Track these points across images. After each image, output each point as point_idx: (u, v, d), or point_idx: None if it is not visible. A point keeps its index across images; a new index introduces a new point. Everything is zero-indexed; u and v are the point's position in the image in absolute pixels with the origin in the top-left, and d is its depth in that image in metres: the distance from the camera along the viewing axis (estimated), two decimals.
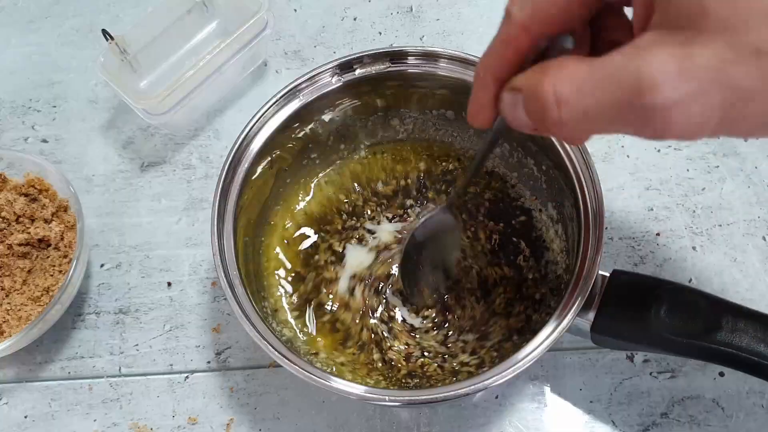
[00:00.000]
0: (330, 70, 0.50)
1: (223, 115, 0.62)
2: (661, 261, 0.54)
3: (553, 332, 0.40)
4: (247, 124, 0.48)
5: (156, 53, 0.61)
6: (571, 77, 0.26)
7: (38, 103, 0.64)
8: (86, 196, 0.59)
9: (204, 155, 0.61)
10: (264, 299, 0.49)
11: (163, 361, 0.53)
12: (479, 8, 0.66)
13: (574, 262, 0.43)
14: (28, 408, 0.52)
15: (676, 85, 0.23)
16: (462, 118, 0.54)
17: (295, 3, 0.67)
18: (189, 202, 0.59)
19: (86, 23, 0.68)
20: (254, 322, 0.42)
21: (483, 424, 0.49)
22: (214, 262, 0.44)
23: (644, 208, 0.56)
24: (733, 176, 0.56)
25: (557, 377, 0.50)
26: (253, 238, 0.51)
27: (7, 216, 0.53)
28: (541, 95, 0.26)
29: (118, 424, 0.51)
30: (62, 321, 0.54)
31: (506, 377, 0.39)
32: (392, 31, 0.65)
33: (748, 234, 0.54)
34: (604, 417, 0.49)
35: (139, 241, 0.57)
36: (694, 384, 0.50)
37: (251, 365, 0.52)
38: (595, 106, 0.25)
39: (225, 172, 0.47)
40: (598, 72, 0.25)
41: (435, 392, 0.40)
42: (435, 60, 0.50)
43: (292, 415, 0.50)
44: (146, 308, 0.55)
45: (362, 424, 0.50)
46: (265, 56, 0.64)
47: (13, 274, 0.52)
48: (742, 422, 0.48)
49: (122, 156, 0.61)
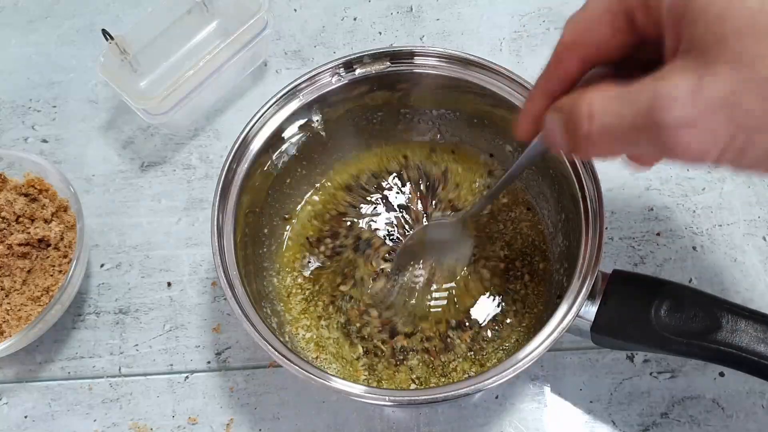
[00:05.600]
0: (330, 70, 0.50)
1: (223, 115, 0.62)
2: (661, 261, 0.54)
3: (553, 332, 0.41)
4: (247, 124, 0.48)
5: (156, 53, 0.61)
6: (603, 95, 0.28)
7: (38, 103, 0.64)
8: (86, 196, 0.59)
9: (204, 155, 0.61)
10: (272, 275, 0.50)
11: (163, 361, 0.53)
12: (479, 8, 0.66)
13: (574, 262, 0.43)
14: (28, 408, 0.52)
15: (686, 107, 0.25)
16: (463, 118, 0.54)
17: (295, 3, 0.67)
18: (189, 202, 0.59)
19: (86, 23, 0.68)
20: (254, 322, 0.42)
21: (483, 424, 0.49)
22: (214, 262, 0.44)
23: (644, 208, 0.56)
24: (733, 176, 0.56)
25: (557, 377, 0.50)
26: (254, 237, 0.51)
27: (7, 216, 0.53)
28: (577, 109, 0.29)
29: (118, 424, 0.51)
30: (62, 321, 0.54)
31: (506, 377, 0.39)
32: (392, 31, 0.65)
33: (748, 234, 0.54)
34: (604, 417, 0.49)
35: (139, 241, 0.57)
36: (694, 384, 0.50)
37: (251, 365, 0.52)
38: (618, 121, 0.27)
39: (225, 172, 0.47)
40: (625, 91, 0.27)
41: (435, 392, 0.40)
42: (435, 60, 0.50)
43: (292, 415, 0.50)
44: (146, 308, 0.55)
45: (362, 424, 0.50)
46: (265, 56, 0.64)
47: (13, 274, 0.52)
48: (742, 422, 0.48)
49: (122, 156, 0.61)
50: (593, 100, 0.28)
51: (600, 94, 0.28)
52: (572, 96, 0.30)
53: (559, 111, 0.31)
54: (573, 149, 0.31)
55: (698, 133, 0.25)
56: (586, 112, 0.29)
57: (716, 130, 0.25)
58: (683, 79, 0.25)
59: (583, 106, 0.29)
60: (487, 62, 0.48)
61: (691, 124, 0.25)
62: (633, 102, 0.27)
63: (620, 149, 0.29)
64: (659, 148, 0.27)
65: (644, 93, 0.26)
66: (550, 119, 0.32)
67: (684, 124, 0.25)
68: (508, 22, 0.65)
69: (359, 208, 0.54)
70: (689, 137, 0.26)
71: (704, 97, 0.25)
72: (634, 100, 0.27)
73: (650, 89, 0.26)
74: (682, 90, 0.25)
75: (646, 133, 0.27)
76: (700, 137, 0.25)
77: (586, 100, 0.29)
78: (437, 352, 0.49)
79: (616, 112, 0.27)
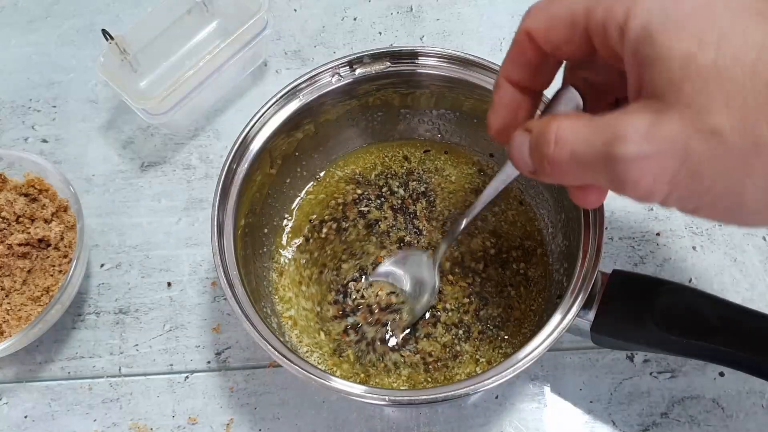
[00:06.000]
0: (330, 70, 0.50)
1: (223, 115, 0.62)
2: (661, 261, 0.54)
3: (553, 332, 0.40)
4: (247, 124, 0.48)
5: (156, 53, 0.61)
6: (571, 123, 0.30)
7: (38, 103, 0.64)
8: (86, 196, 0.59)
9: (204, 155, 0.61)
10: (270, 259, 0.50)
11: (163, 361, 0.53)
12: (479, 8, 0.66)
13: (574, 262, 0.43)
14: (28, 408, 0.52)
15: (640, 143, 0.27)
16: (463, 118, 0.54)
17: (295, 3, 0.67)
18: (189, 202, 0.59)
19: (86, 23, 0.68)
20: (254, 322, 0.42)
21: (483, 424, 0.49)
22: (214, 262, 0.44)
23: (644, 208, 0.56)
24: None
25: (557, 377, 0.50)
26: (254, 237, 0.51)
27: (7, 216, 0.53)
28: (545, 133, 0.30)
29: (118, 424, 0.51)
30: (62, 321, 0.54)
31: (506, 377, 0.39)
32: (392, 31, 0.65)
33: (748, 234, 0.54)
34: (604, 417, 0.49)
35: (139, 241, 0.57)
36: (694, 384, 0.50)
37: (251, 365, 0.52)
38: (582, 148, 0.29)
39: (225, 172, 0.47)
40: (591, 123, 0.29)
41: (435, 392, 0.40)
42: (435, 60, 0.50)
43: (292, 415, 0.50)
44: (146, 308, 0.55)
45: (362, 424, 0.50)
46: (265, 56, 0.64)
47: (13, 274, 0.52)
48: (742, 422, 0.48)
49: (122, 156, 0.61)
50: (561, 126, 0.30)
51: (568, 121, 0.30)
52: (543, 120, 0.32)
53: (527, 132, 0.32)
54: (536, 171, 0.32)
55: (649, 169, 0.27)
56: (553, 137, 0.30)
57: (665, 168, 0.27)
58: (641, 118, 0.27)
59: (551, 130, 0.30)
60: (487, 62, 0.48)
61: (643, 159, 0.27)
62: (597, 133, 0.28)
63: (580, 177, 0.30)
64: (612, 180, 0.28)
65: (608, 126, 0.28)
66: (519, 137, 0.33)
67: (636, 158, 0.27)
68: (508, 22, 0.65)
69: (359, 209, 0.54)
70: (639, 172, 0.27)
71: (657, 137, 0.27)
72: (599, 131, 0.28)
73: (613, 123, 0.28)
74: (639, 128, 0.27)
75: (602, 163, 0.28)
76: (649, 173, 0.27)
77: (554, 125, 0.30)
78: (437, 362, 0.49)
79: (582, 139, 0.29)
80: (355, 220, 0.54)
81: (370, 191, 0.55)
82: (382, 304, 0.50)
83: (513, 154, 0.33)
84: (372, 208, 0.54)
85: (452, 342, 0.49)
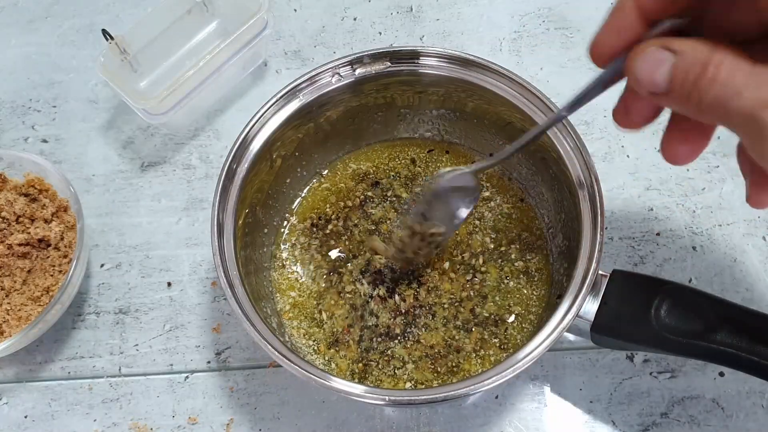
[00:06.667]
0: (330, 70, 0.50)
1: (223, 115, 0.62)
2: (661, 261, 0.54)
3: (553, 332, 0.41)
4: (247, 124, 0.48)
5: (156, 53, 0.61)
6: (735, 63, 0.27)
7: (38, 103, 0.64)
8: (86, 196, 0.59)
9: (204, 155, 0.61)
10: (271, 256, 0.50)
11: (163, 361, 0.53)
12: (479, 8, 0.66)
13: (574, 262, 0.43)
14: (28, 408, 0.52)
15: None
16: (463, 118, 0.54)
17: (295, 3, 0.67)
18: (189, 202, 0.59)
19: (86, 23, 0.68)
20: (254, 322, 0.42)
21: (483, 424, 0.49)
22: (214, 262, 0.44)
23: (644, 208, 0.56)
24: (733, 176, 0.56)
25: (557, 377, 0.50)
26: (254, 237, 0.51)
27: (7, 216, 0.53)
28: (706, 64, 0.27)
29: (118, 424, 0.51)
30: (62, 321, 0.54)
31: (506, 377, 0.39)
32: (392, 31, 0.65)
33: (748, 234, 0.54)
34: (604, 417, 0.49)
35: (139, 241, 0.57)
36: (694, 384, 0.50)
37: (251, 365, 0.52)
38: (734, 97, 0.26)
39: (225, 172, 0.47)
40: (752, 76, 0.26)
41: (435, 392, 0.40)
42: (435, 60, 0.49)
43: (292, 415, 0.50)
44: (146, 308, 0.55)
45: (362, 424, 0.50)
46: (265, 56, 0.64)
47: (13, 274, 0.52)
48: (742, 422, 0.48)
49: (122, 156, 0.61)
50: (724, 63, 0.27)
51: (733, 60, 0.27)
52: (697, 46, 0.28)
53: (673, 51, 0.29)
54: (665, 95, 0.29)
55: None
56: (711, 71, 0.27)
57: None
58: None
59: (711, 63, 0.27)
60: (487, 62, 0.48)
61: None
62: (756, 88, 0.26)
63: (713, 117, 0.28)
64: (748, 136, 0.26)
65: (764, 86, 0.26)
66: (656, 54, 0.29)
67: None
68: (508, 22, 0.65)
69: (359, 209, 0.54)
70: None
71: None
72: (760, 88, 0.26)
73: None
74: None
75: (747, 121, 0.26)
76: None
77: (716, 58, 0.27)
78: (440, 357, 0.49)
79: (739, 88, 0.26)
80: (357, 219, 0.54)
81: (372, 191, 0.55)
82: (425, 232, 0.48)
83: (640, 69, 0.30)
84: (375, 207, 0.54)
85: (452, 336, 0.49)
